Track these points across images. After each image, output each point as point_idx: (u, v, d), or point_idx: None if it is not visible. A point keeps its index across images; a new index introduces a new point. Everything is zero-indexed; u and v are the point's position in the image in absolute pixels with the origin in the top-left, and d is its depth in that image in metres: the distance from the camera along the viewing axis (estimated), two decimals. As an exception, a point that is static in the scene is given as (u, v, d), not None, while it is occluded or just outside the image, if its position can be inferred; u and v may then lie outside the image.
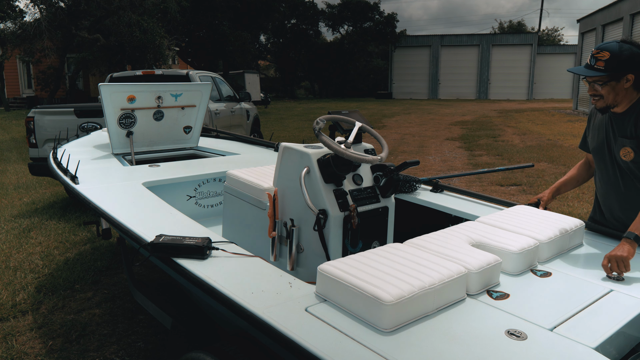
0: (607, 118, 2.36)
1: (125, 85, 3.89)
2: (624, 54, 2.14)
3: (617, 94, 2.21)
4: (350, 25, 40.34)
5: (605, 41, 2.29)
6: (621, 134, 2.27)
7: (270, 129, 15.31)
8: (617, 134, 2.29)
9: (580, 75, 2.34)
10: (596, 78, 2.20)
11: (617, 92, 2.20)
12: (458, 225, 2.13)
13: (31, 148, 6.49)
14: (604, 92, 2.21)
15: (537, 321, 1.54)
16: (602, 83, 2.20)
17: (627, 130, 2.25)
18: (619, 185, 2.35)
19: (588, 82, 2.26)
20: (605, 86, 2.20)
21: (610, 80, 2.18)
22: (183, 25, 28.93)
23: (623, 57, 2.14)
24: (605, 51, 2.17)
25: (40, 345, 3.15)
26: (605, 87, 2.20)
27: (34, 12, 25.75)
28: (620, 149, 2.28)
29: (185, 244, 1.91)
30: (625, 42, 2.18)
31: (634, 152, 2.23)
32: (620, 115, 2.28)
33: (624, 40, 2.21)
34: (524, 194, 7.10)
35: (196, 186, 3.60)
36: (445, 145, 12.17)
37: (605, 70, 2.16)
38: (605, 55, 2.16)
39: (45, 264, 4.48)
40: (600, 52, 2.18)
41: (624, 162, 2.28)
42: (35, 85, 27.66)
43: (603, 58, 2.16)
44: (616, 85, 2.19)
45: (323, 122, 2.30)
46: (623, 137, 2.26)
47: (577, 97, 24.98)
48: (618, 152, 2.30)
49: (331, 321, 1.49)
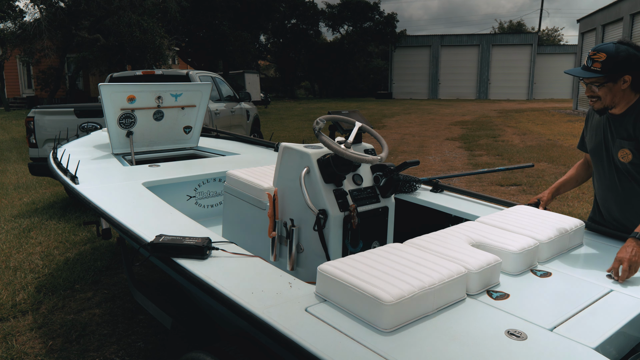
0: (604, 119, 2.34)
1: (125, 85, 3.89)
2: (621, 55, 2.12)
3: (614, 95, 2.19)
4: (350, 25, 40.34)
5: (605, 42, 2.26)
6: (619, 136, 2.26)
7: (270, 129, 15.31)
8: (615, 135, 2.28)
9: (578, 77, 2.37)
10: (593, 79, 2.19)
11: (614, 94, 2.19)
12: (458, 225, 2.13)
13: (31, 148, 6.49)
14: (601, 94, 2.20)
15: (537, 321, 1.54)
16: (599, 84, 2.19)
17: (625, 131, 2.23)
18: (617, 186, 2.34)
19: (585, 84, 2.24)
20: (603, 87, 2.18)
21: (607, 82, 2.17)
22: (183, 25, 28.93)
23: (619, 58, 2.12)
24: (601, 52, 2.15)
25: (40, 345, 3.15)
26: (603, 88, 2.19)
27: (34, 12, 25.74)
28: (618, 151, 2.27)
29: (185, 244, 1.91)
30: (623, 43, 2.17)
31: (632, 154, 2.21)
32: (618, 117, 2.27)
33: (620, 41, 2.19)
34: (524, 194, 7.10)
35: (196, 186, 3.60)
36: (445, 145, 12.17)
37: (602, 71, 2.15)
38: (602, 57, 2.14)
39: (45, 264, 4.48)
40: (596, 54, 2.17)
41: (622, 163, 2.27)
42: (35, 85, 27.67)
43: (599, 59, 2.15)
44: (613, 87, 2.17)
45: (323, 122, 2.30)
46: (621, 138, 2.25)
47: (577, 97, 24.98)
48: (616, 154, 2.28)
49: (331, 321, 1.49)
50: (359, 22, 39.69)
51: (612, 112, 2.28)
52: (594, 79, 2.19)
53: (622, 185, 2.32)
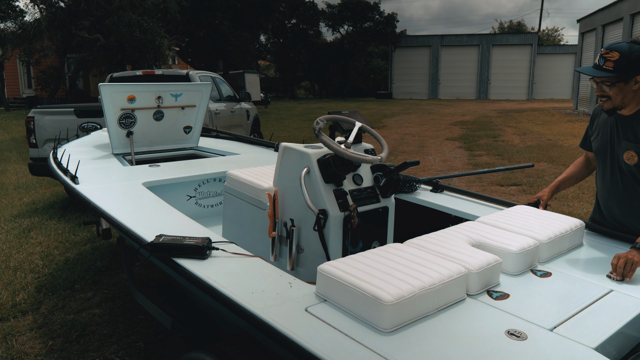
0: (612, 119, 2.31)
1: (125, 85, 3.89)
2: (634, 55, 2.09)
3: (625, 95, 2.16)
4: (350, 25, 40.33)
5: (605, 42, 2.25)
6: (626, 138, 2.23)
7: (270, 129, 15.31)
8: (622, 136, 2.25)
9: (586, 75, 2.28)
10: (604, 79, 2.15)
11: (625, 94, 2.16)
12: (458, 225, 2.13)
13: (31, 148, 6.49)
14: (611, 94, 2.17)
15: (537, 321, 1.54)
16: (610, 84, 2.15)
17: (632, 134, 2.21)
18: (619, 187, 2.32)
19: (596, 83, 2.21)
20: (614, 87, 2.15)
21: (619, 82, 2.13)
22: (183, 25, 28.93)
23: (633, 57, 2.09)
24: (614, 51, 2.11)
25: (40, 345, 3.15)
26: (614, 88, 2.15)
27: (34, 12, 25.72)
28: (624, 152, 2.24)
29: (185, 244, 1.90)
30: (636, 42, 2.13)
31: (638, 157, 2.19)
32: (627, 118, 2.24)
33: (634, 40, 2.15)
34: (524, 194, 7.10)
35: (196, 186, 3.60)
36: (445, 145, 12.17)
37: (614, 71, 2.11)
38: (615, 56, 2.11)
39: (45, 264, 4.48)
40: (609, 52, 2.12)
41: (627, 165, 2.24)
42: (35, 85, 27.66)
43: (612, 58, 2.11)
44: (624, 87, 2.14)
45: (323, 122, 2.30)
46: (628, 140, 2.22)
47: (577, 97, 24.98)
48: (621, 155, 2.26)
49: (331, 321, 1.49)
50: (359, 22, 39.68)
51: (621, 113, 2.26)
52: (606, 78, 2.15)
53: (624, 187, 2.30)
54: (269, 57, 43.32)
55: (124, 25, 20.02)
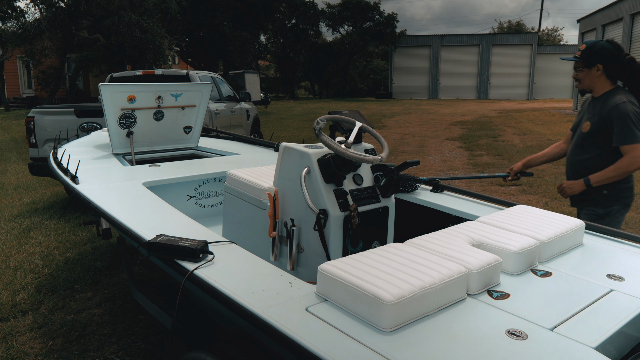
0: (588, 102, 2.93)
1: (125, 85, 3.89)
2: (596, 47, 2.77)
3: (590, 80, 2.82)
4: (350, 25, 40.33)
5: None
6: (589, 112, 2.88)
7: (270, 129, 15.31)
8: (588, 113, 2.88)
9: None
10: (575, 64, 2.85)
11: (590, 78, 2.82)
12: (458, 225, 2.13)
13: (31, 148, 6.49)
14: (580, 77, 2.85)
15: (537, 321, 1.54)
16: (578, 69, 2.84)
17: (594, 109, 2.83)
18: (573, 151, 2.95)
19: (574, 69, 2.88)
20: (581, 71, 2.84)
21: (584, 67, 2.81)
22: (183, 25, 28.90)
23: (595, 49, 2.77)
24: (584, 44, 2.84)
25: (40, 345, 3.15)
26: (581, 72, 2.84)
27: (34, 12, 25.73)
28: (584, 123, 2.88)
29: (180, 246, 1.89)
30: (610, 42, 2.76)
31: (591, 126, 2.81)
32: (596, 99, 2.86)
33: (609, 40, 2.78)
34: (524, 194, 7.10)
35: (196, 186, 3.60)
36: (445, 145, 12.17)
37: (580, 57, 2.81)
38: (583, 47, 2.83)
39: (45, 264, 4.48)
40: (581, 45, 2.84)
41: (582, 133, 2.87)
42: (35, 85, 27.66)
43: (581, 49, 2.83)
44: (589, 72, 2.81)
45: (323, 122, 2.30)
46: (590, 114, 2.86)
47: (577, 97, 24.96)
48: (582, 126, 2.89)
49: (332, 321, 1.49)
50: (359, 22, 39.68)
51: (593, 95, 2.88)
52: (576, 64, 2.85)
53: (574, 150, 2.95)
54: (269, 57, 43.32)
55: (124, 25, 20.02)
